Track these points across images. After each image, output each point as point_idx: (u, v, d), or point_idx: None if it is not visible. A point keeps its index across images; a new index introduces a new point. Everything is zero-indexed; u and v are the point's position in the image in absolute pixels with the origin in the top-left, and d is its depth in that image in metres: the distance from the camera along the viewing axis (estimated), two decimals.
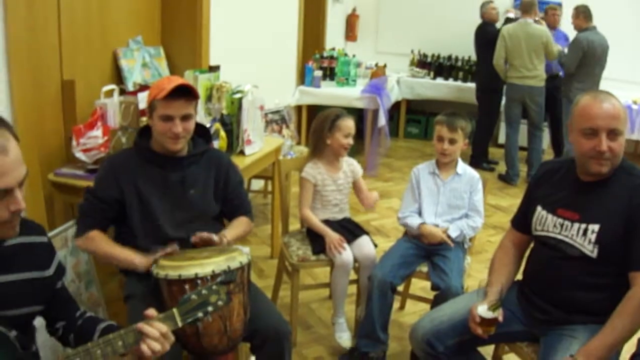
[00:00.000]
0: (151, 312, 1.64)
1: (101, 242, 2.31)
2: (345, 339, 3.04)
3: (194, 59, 3.97)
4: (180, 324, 1.66)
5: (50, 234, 2.51)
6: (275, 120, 4.87)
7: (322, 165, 3.04)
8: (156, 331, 1.60)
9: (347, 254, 2.92)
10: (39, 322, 1.79)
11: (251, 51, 4.80)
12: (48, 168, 2.99)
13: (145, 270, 2.17)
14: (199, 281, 1.91)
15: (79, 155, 2.94)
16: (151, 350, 1.59)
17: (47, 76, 3.01)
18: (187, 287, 1.94)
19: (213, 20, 4.06)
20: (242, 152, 3.47)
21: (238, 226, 2.52)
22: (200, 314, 1.69)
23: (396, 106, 7.33)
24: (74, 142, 2.96)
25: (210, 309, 1.71)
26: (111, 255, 2.29)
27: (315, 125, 3.08)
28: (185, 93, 2.25)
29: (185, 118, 2.27)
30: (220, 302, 1.73)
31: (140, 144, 2.40)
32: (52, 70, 3.05)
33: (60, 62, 3.09)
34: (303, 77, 6.13)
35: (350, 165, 3.11)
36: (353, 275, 3.06)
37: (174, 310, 1.66)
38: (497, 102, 6.57)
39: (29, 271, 1.68)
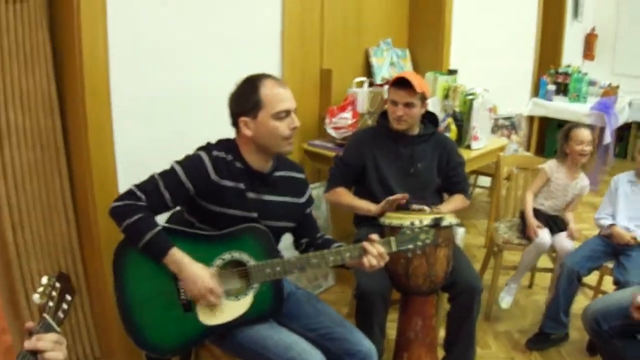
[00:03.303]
0: (374, 236, 2.13)
1: (345, 195, 2.91)
2: (506, 300, 3.44)
3: (436, 62, 4.47)
4: (394, 249, 2.13)
5: None
6: (505, 126, 5.19)
7: (563, 168, 3.37)
8: (375, 250, 2.09)
9: (545, 237, 3.25)
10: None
11: (488, 60, 5.14)
12: (303, 139, 3.70)
13: (377, 214, 2.68)
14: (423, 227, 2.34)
15: (330, 131, 3.59)
16: (369, 264, 2.09)
17: (310, 64, 3.73)
18: None
19: (455, 30, 4.52)
20: (468, 146, 3.89)
21: (453, 201, 2.96)
22: (411, 246, 2.16)
23: (627, 128, 7.18)
24: (327, 120, 3.63)
25: (419, 244, 2.17)
26: (352, 205, 2.86)
27: (558, 137, 3.45)
28: (409, 85, 2.73)
29: (408, 105, 2.75)
30: (427, 241, 2.18)
31: (381, 122, 2.94)
32: (314, 59, 3.76)
33: (321, 53, 3.79)
34: (537, 89, 6.33)
35: (582, 181, 3.40)
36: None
37: (391, 238, 2.14)
38: None
39: (288, 196, 2.28)
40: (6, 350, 1.56)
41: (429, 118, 2.97)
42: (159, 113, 2.82)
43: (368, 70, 4.23)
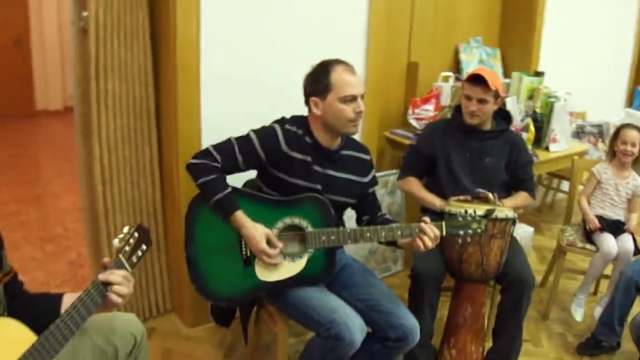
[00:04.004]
0: (426, 219, 2.27)
1: (415, 185, 3.03)
2: (578, 313, 3.42)
3: (525, 62, 4.49)
4: (443, 233, 2.26)
5: (377, 174, 3.37)
6: (593, 133, 5.11)
7: (610, 168, 3.36)
8: (432, 232, 2.22)
9: (612, 245, 3.22)
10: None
11: (580, 64, 5.07)
12: (386, 127, 3.85)
13: (440, 209, 2.80)
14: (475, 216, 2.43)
15: (412, 121, 3.73)
16: (423, 244, 2.22)
17: (397, 56, 3.87)
18: None
19: (546, 32, 4.52)
20: (546, 148, 3.90)
21: (517, 198, 3.01)
22: (460, 232, 2.28)
23: None
24: (410, 111, 3.77)
25: (469, 231, 2.29)
26: (420, 196, 2.98)
27: (610, 136, 3.45)
28: (484, 82, 2.80)
29: (481, 101, 2.83)
30: (478, 230, 2.30)
31: (455, 116, 3.04)
32: (401, 51, 3.90)
33: (409, 46, 3.91)
34: (632, 99, 6.16)
35: (634, 180, 3.37)
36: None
37: (442, 222, 2.27)
38: None
39: (351, 174, 2.45)
40: (81, 279, 1.80)
41: (502, 115, 3.04)
42: (243, 91, 3.03)
43: (456, 66, 4.31)
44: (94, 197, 2.90)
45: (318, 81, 2.29)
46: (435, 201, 2.88)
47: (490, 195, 2.72)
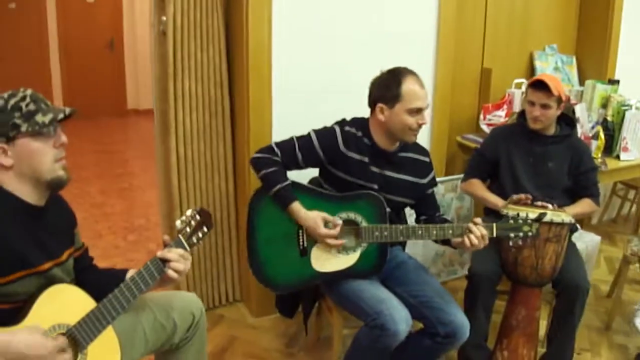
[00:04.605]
0: (478, 219, 2.34)
1: (478, 186, 3.08)
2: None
3: (600, 70, 4.44)
4: (494, 235, 2.33)
5: (444, 179, 3.60)
6: None
7: None
8: (478, 232, 2.30)
9: None
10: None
11: None
12: (457, 132, 3.92)
13: (500, 210, 2.83)
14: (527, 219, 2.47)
15: (484, 127, 3.80)
16: (470, 243, 2.30)
17: (469, 62, 3.94)
18: None
19: (623, 40, 4.45)
20: (617, 157, 3.86)
21: (579, 205, 3.00)
22: (511, 234, 2.34)
23: None
24: (482, 117, 3.83)
25: (520, 234, 2.35)
26: (483, 197, 3.02)
27: None
28: (547, 88, 2.82)
29: (544, 106, 2.85)
30: (529, 233, 2.35)
31: (519, 121, 3.07)
32: (474, 57, 3.97)
33: (482, 52, 3.97)
34: None
35: None
36: None
37: (494, 224, 2.34)
38: None
39: (410, 176, 2.55)
40: (150, 254, 1.97)
41: (566, 120, 3.06)
42: (313, 92, 3.17)
43: (531, 73, 4.32)
44: (170, 189, 3.11)
45: (388, 89, 2.40)
46: (497, 201, 2.92)
47: (550, 206, 2.74)
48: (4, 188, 1.66)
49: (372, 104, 2.47)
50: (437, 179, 3.55)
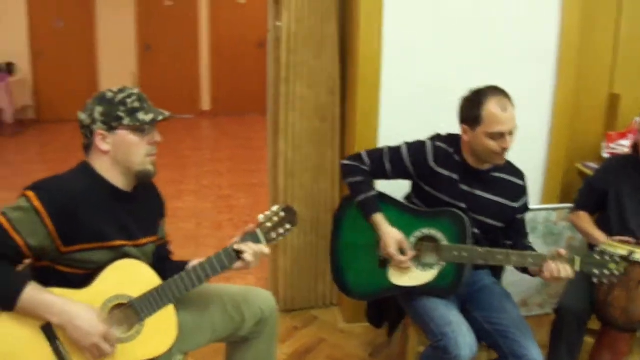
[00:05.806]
0: (562, 250, 2.25)
1: (584, 220, 2.90)
2: None
3: None
4: (577, 268, 2.23)
5: (558, 206, 3.48)
6: None
7: None
8: (554, 264, 2.23)
9: None
10: None
11: None
12: (579, 158, 3.74)
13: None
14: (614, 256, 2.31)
15: (605, 155, 3.61)
16: (549, 273, 2.23)
17: (594, 87, 3.73)
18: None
19: None
20: None
21: None
22: (596, 271, 2.23)
23: None
24: (604, 144, 3.64)
25: (605, 271, 2.23)
26: (587, 231, 2.86)
27: None
28: None
29: None
30: (616, 272, 2.22)
31: (634, 153, 2.90)
32: (600, 82, 3.75)
33: (611, 77, 3.76)
34: None
35: None
36: None
37: (576, 257, 2.24)
38: None
39: (501, 197, 2.48)
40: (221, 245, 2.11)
41: None
42: (420, 104, 3.17)
43: None
44: (278, 189, 3.26)
45: (470, 110, 2.37)
46: (600, 238, 2.77)
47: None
48: (97, 171, 1.88)
49: (460, 123, 2.45)
50: (550, 206, 3.49)
